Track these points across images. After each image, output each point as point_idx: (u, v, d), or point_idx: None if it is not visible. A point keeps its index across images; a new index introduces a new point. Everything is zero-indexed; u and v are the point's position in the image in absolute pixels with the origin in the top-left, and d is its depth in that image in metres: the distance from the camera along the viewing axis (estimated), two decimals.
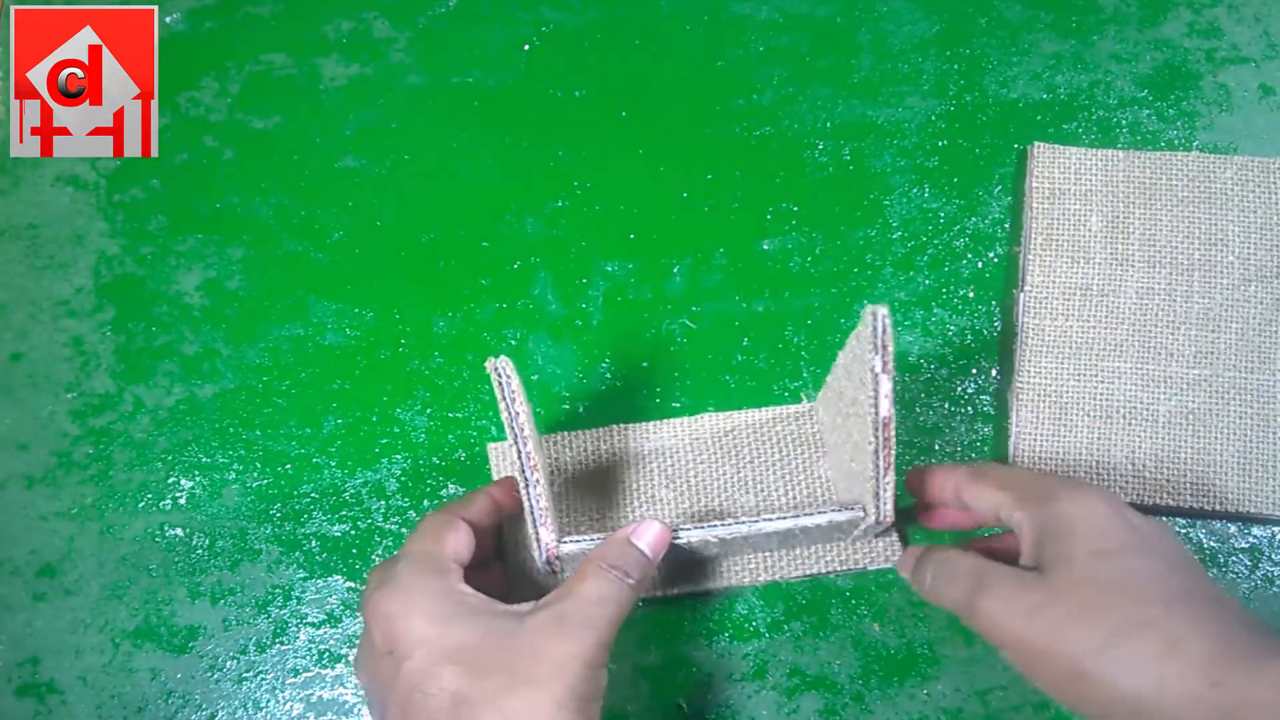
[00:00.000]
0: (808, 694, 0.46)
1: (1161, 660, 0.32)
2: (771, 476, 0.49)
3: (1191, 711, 0.31)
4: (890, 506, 0.41)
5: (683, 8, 0.60)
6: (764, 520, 0.42)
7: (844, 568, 0.47)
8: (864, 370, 0.39)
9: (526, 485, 0.40)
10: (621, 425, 0.51)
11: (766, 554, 0.48)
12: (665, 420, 0.51)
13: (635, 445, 0.50)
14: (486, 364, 0.40)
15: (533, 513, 0.41)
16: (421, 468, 0.51)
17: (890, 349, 0.38)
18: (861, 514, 0.42)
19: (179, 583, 0.50)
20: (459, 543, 0.40)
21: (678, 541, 0.42)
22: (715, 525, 0.42)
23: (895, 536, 0.48)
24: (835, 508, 0.42)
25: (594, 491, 0.49)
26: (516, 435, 0.40)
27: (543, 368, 0.53)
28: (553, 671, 0.35)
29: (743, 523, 0.42)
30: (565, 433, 0.50)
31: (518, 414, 0.40)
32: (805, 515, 0.42)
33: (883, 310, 0.38)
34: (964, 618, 0.38)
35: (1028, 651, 0.35)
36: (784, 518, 0.42)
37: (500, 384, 0.40)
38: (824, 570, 0.47)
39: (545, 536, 0.41)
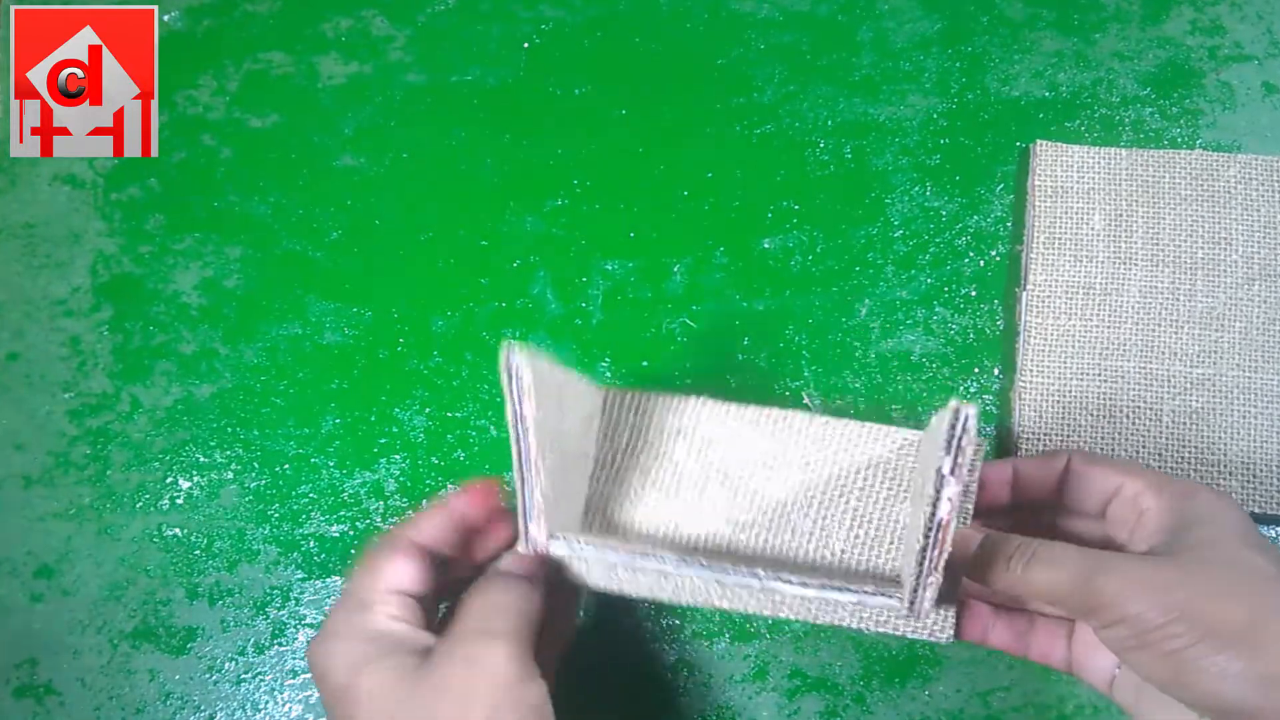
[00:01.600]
0: (809, 695, 0.46)
1: None
2: (839, 507, 0.43)
3: None
4: (928, 604, 0.36)
5: (683, 5, 0.59)
6: (779, 580, 0.37)
7: (881, 629, 0.41)
8: (930, 469, 0.36)
9: (524, 485, 0.37)
10: (706, 400, 0.46)
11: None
12: (751, 407, 0.45)
13: (709, 428, 0.45)
14: (501, 352, 0.37)
15: (525, 508, 0.38)
16: (420, 468, 0.51)
17: (968, 453, 0.35)
18: (897, 603, 0.36)
19: (177, 583, 0.49)
20: (399, 572, 0.37)
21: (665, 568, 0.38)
22: (726, 570, 0.37)
23: (951, 612, 0.41)
24: (870, 588, 0.37)
25: (642, 464, 0.45)
26: (519, 439, 0.37)
27: None
28: (461, 704, 0.33)
29: (759, 576, 0.37)
30: (639, 392, 0.46)
31: (524, 415, 0.37)
32: (830, 588, 0.36)
33: (969, 410, 0.34)
34: (1065, 603, 0.36)
35: (1147, 625, 0.33)
36: (806, 584, 0.36)
37: (510, 382, 0.36)
38: (857, 626, 0.41)
39: (534, 531, 0.38)
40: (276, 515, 0.50)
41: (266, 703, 0.47)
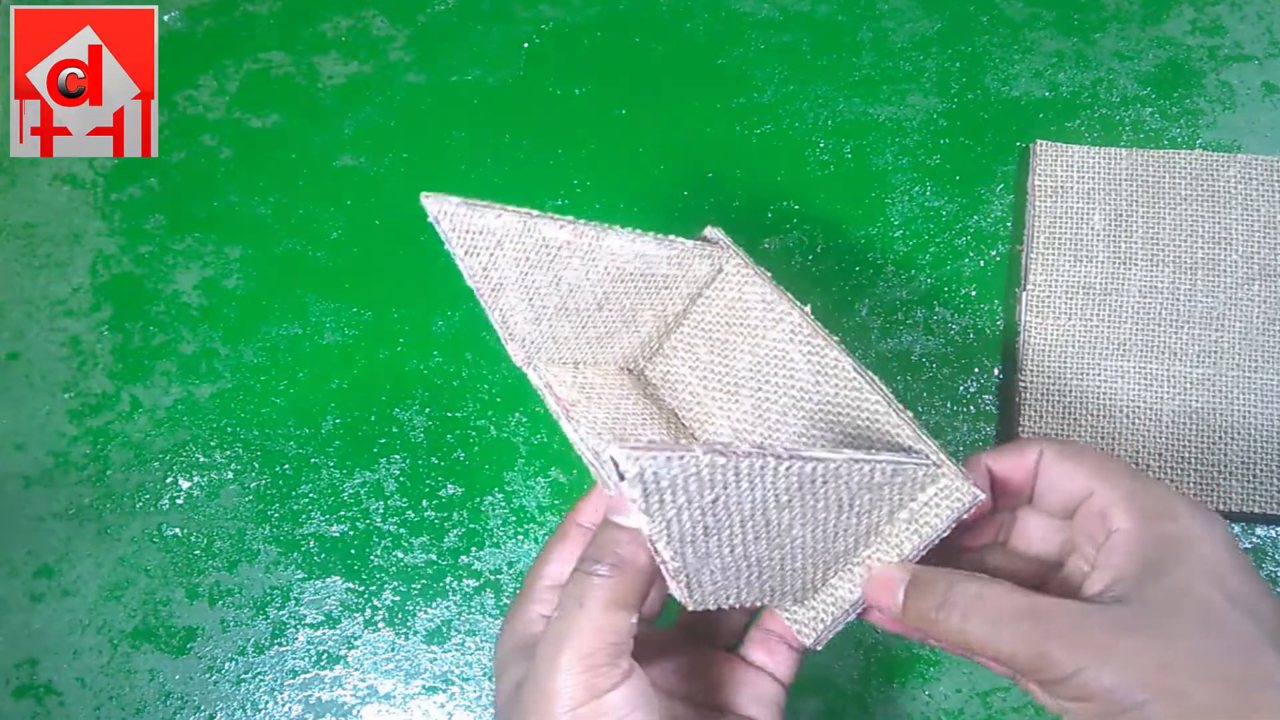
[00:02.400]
0: (808, 696, 0.46)
1: None
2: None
3: None
4: (685, 600, 0.33)
5: (683, 5, 0.59)
6: (594, 454, 0.33)
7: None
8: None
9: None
10: (755, 269, 0.42)
11: None
12: (802, 309, 0.41)
13: (733, 290, 0.41)
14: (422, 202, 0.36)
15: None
16: (420, 468, 0.51)
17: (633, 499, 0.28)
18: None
19: (177, 583, 0.49)
20: (564, 564, 0.36)
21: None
22: (583, 440, 0.33)
23: (824, 615, 0.38)
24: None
25: (624, 301, 0.40)
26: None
27: None
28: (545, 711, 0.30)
29: (591, 450, 0.33)
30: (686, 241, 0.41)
31: (454, 255, 0.35)
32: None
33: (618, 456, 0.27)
34: (1012, 666, 0.32)
35: (1119, 705, 0.29)
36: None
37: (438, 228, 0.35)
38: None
39: (511, 351, 0.36)
40: (276, 515, 0.50)
41: (266, 703, 0.47)
